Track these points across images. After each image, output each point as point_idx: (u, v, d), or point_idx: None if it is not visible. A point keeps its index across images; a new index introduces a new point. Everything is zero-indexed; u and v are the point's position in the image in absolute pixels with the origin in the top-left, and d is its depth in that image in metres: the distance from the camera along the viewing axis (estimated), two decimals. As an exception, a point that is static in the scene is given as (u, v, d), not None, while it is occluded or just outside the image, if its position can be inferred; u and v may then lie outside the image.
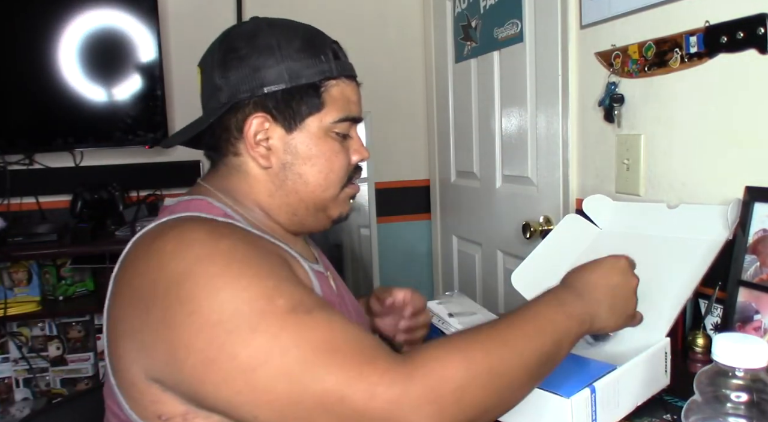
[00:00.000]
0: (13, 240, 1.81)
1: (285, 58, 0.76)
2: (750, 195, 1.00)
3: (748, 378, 0.55)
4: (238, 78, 0.76)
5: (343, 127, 0.80)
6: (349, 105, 0.81)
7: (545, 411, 0.73)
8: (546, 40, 1.56)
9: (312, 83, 0.77)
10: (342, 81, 0.80)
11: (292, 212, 0.81)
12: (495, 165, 1.87)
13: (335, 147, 0.80)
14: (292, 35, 0.79)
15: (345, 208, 0.85)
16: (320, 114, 0.78)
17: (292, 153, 0.78)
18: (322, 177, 0.79)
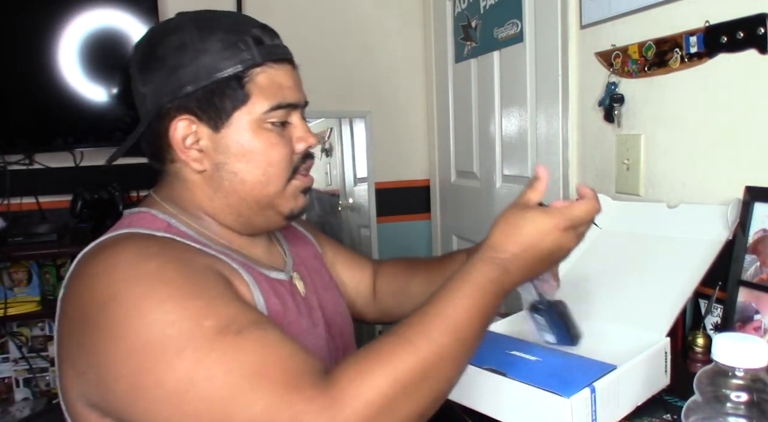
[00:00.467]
0: (13, 240, 1.81)
1: (201, 53, 0.72)
2: (750, 195, 1.00)
3: (748, 378, 0.55)
4: (159, 82, 0.73)
5: (279, 115, 0.76)
6: (281, 91, 0.75)
7: (545, 411, 0.73)
8: (546, 40, 1.56)
9: (232, 75, 0.72)
10: (269, 67, 0.75)
11: (236, 213, 0.77)
12: (495, 165, 1.87)
13: (271, 138, 0.75)
14: (209, 27, 0.73)
15: (297, 203, 0.80)
16: (247, 106, 0.74)
17: (224, 152, 0.74)
18: (259, 173, 0.75)
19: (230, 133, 0.74)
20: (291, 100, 0.77)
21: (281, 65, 0.76)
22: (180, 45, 0.72)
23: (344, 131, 2.49)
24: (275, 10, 2.17)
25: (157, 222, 0.74)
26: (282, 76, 0.76)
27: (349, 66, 2.28)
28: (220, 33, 0.73)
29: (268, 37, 0.76)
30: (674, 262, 0.99)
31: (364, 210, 2.39)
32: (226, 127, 0.74)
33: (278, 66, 0.76)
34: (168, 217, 0.75)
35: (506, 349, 0.86)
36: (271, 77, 0.75)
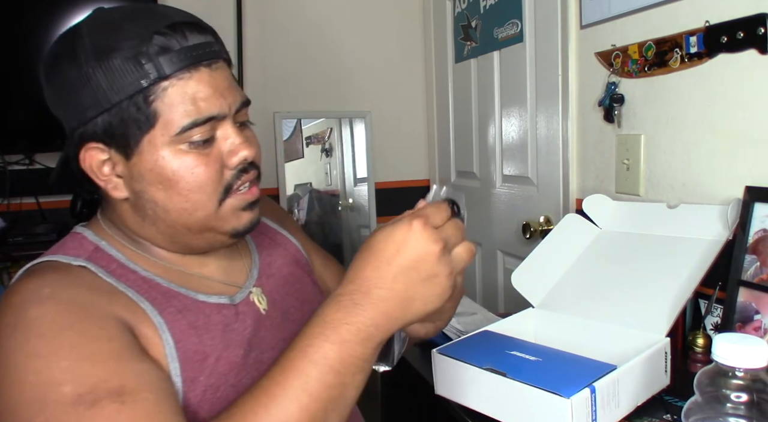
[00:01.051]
0: (13, 240, 1.81)
1: (98, 71, 0.62)
2: (750, 195, 1.00)
3: (748, 378, 0.55)
4: (63, 105, 0.66)
5: (200, 132, 0.65)
6: (196, 105, 0.64)
7: (545, 411, 0.73)
8: (546, 40, 1.56)
9: (133, 96, 0.63)
10: (178, 78, 0.64)
11: (170, 240, 0.71)
12: (495, 165, 1.87)
13: (190, 161, 0.65)
14: (106, 39, 0.63)
15: (240, 221, 0.71)
16: (156, 130, 0.64)
17: (139, 180, 0.66)
18: (181, 200, 0.66)
19: (142, 160, 0.65)
20: (209, 112, 0.65)
21: (195, 72, 0.64)
22: (76, 62, 0.63)
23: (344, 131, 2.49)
24: (275, 10, 2.17)
25: (84, 246, 0.70)
26: (198, 85, 0.65)
27: (349, 66, 2.28)
28: (117, 44, 0.62)
29: (179, 38, 0.64)
30: (674, 262, 0.99)
31: (364, 210, 2.39)
32: (137, 154, 0.65)
33: (191, 74, 0.64)
34: (98, 240, 0.71)
35: (506, 349, 0.86)
36: (181, 91, 0.64)
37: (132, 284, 0.68)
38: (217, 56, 0.67)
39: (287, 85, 2.20)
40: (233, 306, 0.74)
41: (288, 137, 2.30)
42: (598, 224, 1.19)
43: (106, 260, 0.69)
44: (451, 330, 1.10)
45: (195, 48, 0.65)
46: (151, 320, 0.65)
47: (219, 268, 0.76)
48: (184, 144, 0.65)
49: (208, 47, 0.66)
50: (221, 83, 0.67)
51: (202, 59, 0.65)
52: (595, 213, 1.20)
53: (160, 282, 0.70)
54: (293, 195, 2.34)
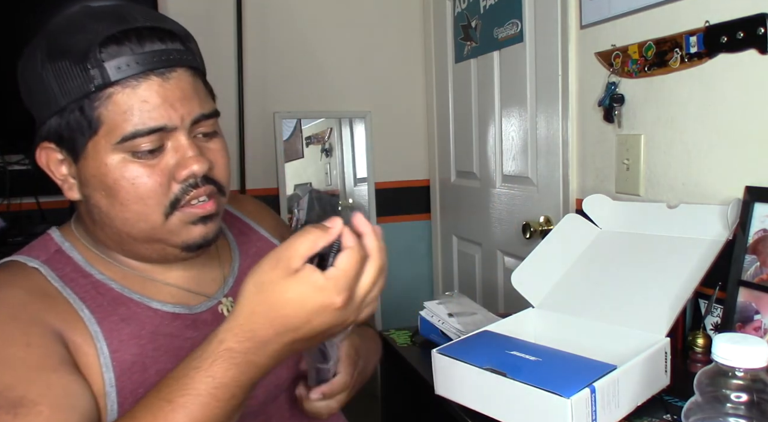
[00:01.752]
0: (13, 240, 1.81)
1: (49, 73, 0.62)
2: (750, 195, 1.00)
3: (748, 378, 0.55)
4: (26, 102, 0.67)
5: (146, 142, 0.63)
6: (141, 114, 0.62)
7: (545, 411, 0.73)
8: (546, 40, 1.56)
9: (77, 101, 0.62)
10: (125, 86, 0.61)
11: (119, 246, 0.70)
12: (495, 165, 1.87)
13: (133, 170, 0.63)
14: (57, 41, 0.63)
15: (190, 235, 0.68)
16: (98, 136, 0.63)
17: (86, 184, 0.66)
18: (123, 210, 0.65)
19: (87, 164, 0.64)
20: (154, 123, 0.62)
21: (143, 81, 0.62)
22: (33, 64, 0.64)
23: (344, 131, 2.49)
24: (275, 10, 2.17)
25: (47, 247, 0.71)
26: (144, 94, 0.62)
27: (349, 66, 2.28)
28: (68, 47, 0.62)
29: (132, 44, 0.62)
30: (674, 262, 0.99)
31: (364, 210, 2.39)
32: (83, 158, 0.64)
33: (138, 82, 0.62)
34: (62, 241, 0.71)
35: (506, 349, 0.86)
36: (127, 99, 0.62)
37: (79, 289, 0.67)
38: (174, 64, 0.64)
39: (287, 85, 2.20)
40: (191, 316, 0.72)
41: (288, 137, 2.30)
42: (598, 224, 1.19)
43: (62, 262, 0.69)
44: (451, 330, 1.10)
45: (149, 55, 0.62)
46: (87, 328, 0.65)
47: (187, 276, 0.74)
48: (129, 153, 0.63)
49: (165, 55, 0.63)
50: (173, 93, 0.63)
51: (155, 67, 0.62)
52: (595, 213, 1.20)
53: (113, 287, 0.69)
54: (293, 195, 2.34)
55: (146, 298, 0.70)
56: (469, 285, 2.11)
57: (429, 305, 1.17)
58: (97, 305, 0.67)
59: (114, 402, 0.63)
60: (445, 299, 1.20)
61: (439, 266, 2.37)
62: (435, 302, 1.18)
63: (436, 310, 1.15)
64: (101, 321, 0.66)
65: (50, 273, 0.67)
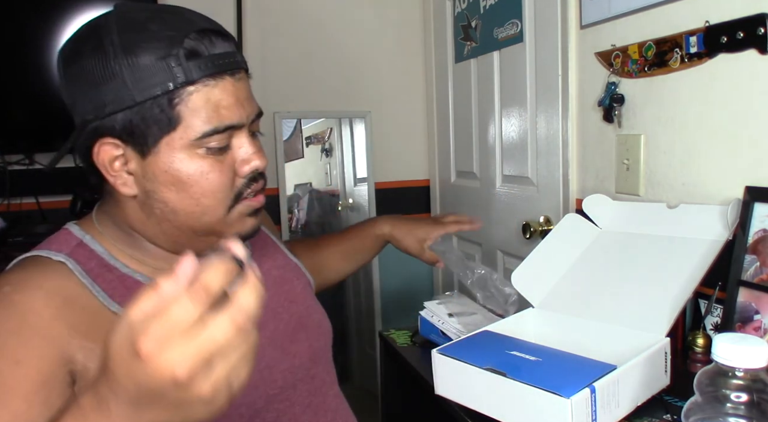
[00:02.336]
0: (13, 240, 1.81)
1: (124, 68, 0.62)
2: (750, 195, 1.00)
3: (748, 378, 0.55)
4: (81, 95, 0.65)
5: (217, 140, 0.66)
6: (218, 113, 0.65)
7: (545, 411, 0.73)
8: (546, 40, 1.56)
9: (158, 97, 0.63)
10: (204, 84, 0.64)
11: (171, 240, 0.72)
12: (495, 165, 1.87)
13: (205, 166, 0.66)
14: (135, 36, 0.63)
15: (244, 226, 0.72)
16: (176, 132, 0.65)
17: (152, 179, 0.67)
18: (192, 204, 0.67)
19: (158, 160, 0.66)
20: (230, 121, 0.67)
21: (220, 80, 0.65)
22: (102, 56, 0.63)
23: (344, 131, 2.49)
24: (275, 10, 2.17)
25: (68, 240, 0.71)
26: (222, 93, 0.66)
27: (349, 66, 2.28)
28: (147, 43, 0.63)
29: (207, 44, 0.65)
30: (674, 263, 0.99)
31: (364, 210, 2.39)
32: (153, 154, 0.66)
33: (216, 81, 0.65)
34: (83, 234, 0.72)
35: (506, 349, 0.86)
36: (206, 97, 0.65)
37: (107, 285, 0.68)
38: (239, 66, 0.68)
39: (287, 85, 2.20)
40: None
41: (288, 137, 2.30)
42: (597, 224, 1.19)
43: (86, 256, 0.70)
44: (451, 330, 1.10)
45: (221, 56, 0.66)
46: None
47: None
48: (201, 149, 0.66)
49: (232, 57, 0.67)
50: (242, 93, 0.68)
51: (228, 68, 0.66)
52: (595, 213, 1.20)
53: (139, 280, 0.71)
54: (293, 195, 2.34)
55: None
56: (469, 285, 2.11)
57: (429, 305, 1.17)
58: (126, 300, 0.67)
59: None
60: (445, 299, 1.20)
61: (439, 266, 2.37)
62: (435, 302, 1.18)
63: (436, 310, 1.15)
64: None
65: (77, 267, 0.68)
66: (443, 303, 1.18)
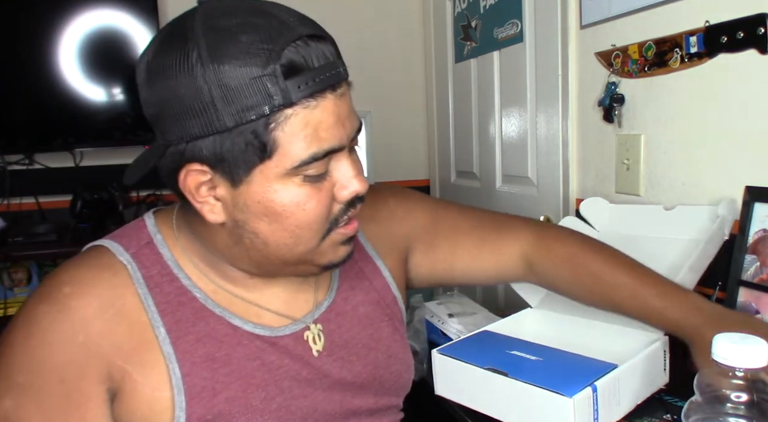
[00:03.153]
0: (13, 240, 1.81)
1: (213, 88, 0.54)
2: (750, 195, 1.00)
3: (748, 378, 0.55)
4: (165, 114, 0.58)
5: (316, 167, 0.59)
6: (318, 137, 0.58)
7: (547, 410, 0.73)
8: (546, 40, 1.56)
9: (252, 123, 0.56)
10: (305, 106, 0.57)
11: (256, 265, 0.66)
12: (495, 165, 1.87)
13: (302, 196, 0.60)
14: (227, 49, 0.55)
15: (337, 254, 0.66)
16: (272, 160, 0.58)
17: (243, 210, 0.60)
18: (286, 235, 0.61)
19: (250, 190, 0.59)
20: (330, 145, 0.59)
21: (321, 100, 0.57)
22: (188, 72, 0.55)
23: (344, 131, 2.50)
24: (275, 10, 2.17)
25: (139, 236, 0.67)
26: (320, 114, 0.57)
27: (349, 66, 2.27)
28: (239, 59, 0.54)
29: (307, 55, 0.56)
30: (671, 262, 0.99)
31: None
32: (246, 183, 0.59)
33: (317, 102, 0.57)
34: (155, 232, 0.68)
35: (506, 349, 0.86)
36: (305, 121, 0.57)
37: (162, 298, 0.64)
38: (342, 78, 0.60)
39: (287, 85, 2.20)
40: (273, 338, 0.68)
41: (288, 137, 2.30)
42: (595, 227, 1.19)
43: (151, 260, 0.66)
44: (451, 330, 1.10)
45: (323, 69, 0.57)
46: (160, 349, 0.63)
47: (281, 296, 0.71)
48: (298, 177, 0.59)
49: (334, 68, 0.59)
50: (344, 111, 0.60)
51: (330, 83, 0.58)
52: (592, 216, 1.20)
53: (196, 296, 0.66)
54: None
55: (228, 313, 0.67)
56: (469, 286, 2.11)
57: (429, 305, 1.17)
58: (176, 320, 0.64)
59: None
60: (445, 299, 1.21)
61: (439, 266, 2.37)
62: (435, 302, 1.18)
63: (436, 310, 1.15)
64: (176, 341, 0.63)
65: (137, 273, 0.64)
66: (443, 303, 1.18)
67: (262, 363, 0.66)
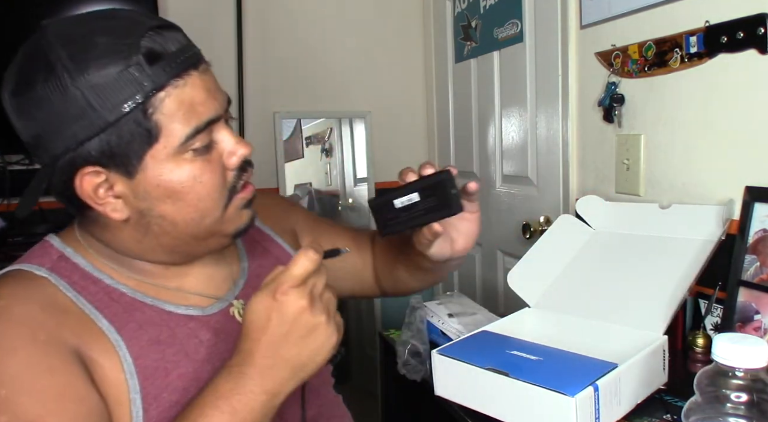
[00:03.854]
0: (13, 240, 1.81)
1: (85, 90, 0.57)
2: (750, 195, 1.00)
3: (748, 378, 0.55)
4: (44, 130, 0.60)
5: (201, 139, 0.63)
6: (194, 111, 0.62)
7: (549, 410, 0.73)
8: (546, 40, 1.56)
9: (131, 112, 0.59)
10: (174, 86, 0.60)
11: (169, 251, 0.69)
12: (495, 165, 1.87)
13: (196, 170, 0.63)
14: (84, 54, 0.58)
15: (242, 219, 0.70)
16: (159, 143, 0.61)
17: (145, 197, 0.63)
18: (191, 210, 0.65)
19: (147, 176, 0.62)
20: (207, 116, 0.63)
21: (187, 78, 0.62)
22: (57, 82, 0.57)
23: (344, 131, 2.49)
24: (275, 10, 2.17)
25: (49, 253, 0.68)
26: (193, 90, 0.62)
27: (349, 66, 2.28)
28: (103, 58, 0.58)
29: (163, 42, 0.60)
30: (668, 262, 0.99)
31: (364, 210, 2.39)
32: (141, 171, 0.62)
33: (184, 80, 0.61)
34: (64, 247, 0.69)
35: (507, 349, 0.86)
36: (179, 99, 0.61)
37: (92, 298, 0.66)
38: (200, 58, 0.64)
39: (287, 85, 2.20)
40: (205, 317, 0.72)
41: (288, 137, 2.30)
42: (591, 225, 1.19)
43: (69, 270, 0.67)
44: (451, 330, 1.10)
45: (182, 52, 0.62)
46: (107, 338, 0.64)
47: (200, 279, 0.74)
48: (188, 153, 0.63)
49: (191, 50, 0.63)
50: (211, 84, 0.65)
51: (191, 62, 0.62)
52: (589, 214, 1.20)
53: (125, 292, 0.68)
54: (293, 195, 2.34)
55: (159, 301, 0.70)
56: (469, 285, 2.11)
57: (429, 305, 1.17)
58: (113, 313, 0.66)
59: (139, 408, 0.63)
60: (445, 299, 1.20)
61: (439, 266, 2.36)
62: (435, 302, 1.18)
63: (436, 310, 1.15)
64: (120, 329, 0.66)
65: (60, 281, 0.66)
66: (443, 303, 1.18)
67: (200, 340, 0.70)
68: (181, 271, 0.73)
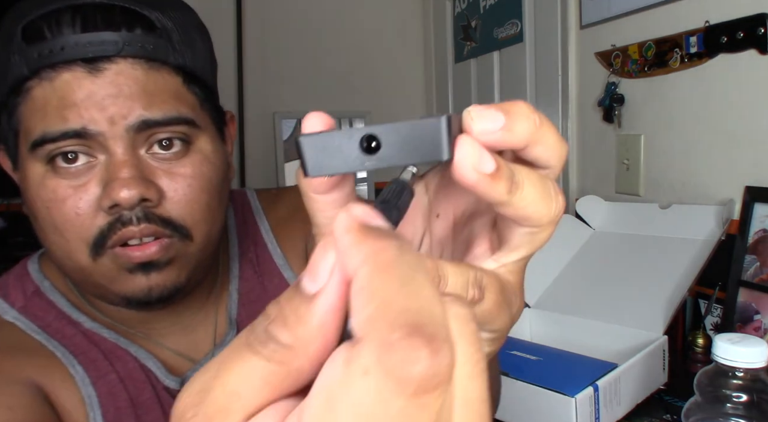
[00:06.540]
0: (13, 240, 1.81)
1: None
2: (750, 195, 1.00)
3: (748, 378, 0.55)
4: None
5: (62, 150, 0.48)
6: (61, 113, 0.47)
7: (549, 410, 0.73)
8: (546, 40, 1.56)
9: (9, 100, 0.49)
10: (42, 78, 0.47)
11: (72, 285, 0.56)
12: (495, 165, 1.87)
13: (50, 190, 0.48)
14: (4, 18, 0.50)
15: (128, 285, 0.50)
16: (20, 139, 0.50)
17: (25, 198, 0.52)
18: (46, 239, 0.51)
19: (19, 176, 0.52)
20: (68, 125, 0.47)
21: (65, 72, 0.47)
22: None
23: (344, 131, 2.49)
24: (275, 10, 2.17)
25: (24, 287, 0.57)
26: (63, 88, 0.47)
27: (349, 66, 2.28)
28: (1, 39, 0.49)
29: (62, 23, 0.47)
30: (667, 262, 0.99)
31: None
32: (20, 167, 0.51)
33: (58, 73, 0.47)
34: (42, 279, 0.57)
35: (507, 349, 0.86)
36: (43, 93, 0.47)
37: (67, 341, 0.54)
38: (116, 52, 0.47)
39: (287, 85, 2.20)
40: (177, 391, 0.56)
41: (288, 137, 2.30)
42: (591, 225, 1.19)
43: (43, 309, 0.56)
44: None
45: (81, 40, 0.47)
46: (78, 391, 0.52)
47: (173, 331, 0.59)
48: (49, 165, 0.48)
49: (104, 40, 0.47)
50: (104, 89, 0.47)
51: (83, 55, 0.47)
52: (589, 214, 1.20)
53: (106, 337, 0.56)
54: (293, 195, 2.35)
55: (143, 351, 0.57)
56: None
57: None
58: (91, 360, 0.54)
59: None
60: (445, 299, 1.20)
61: (439, 266, 2.37)
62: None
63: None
64: (96, 382, 0.53)
65: (30, 326, 0.54)
66: (443, 303, 1.18)
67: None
68: (150, 316, 0.57)
